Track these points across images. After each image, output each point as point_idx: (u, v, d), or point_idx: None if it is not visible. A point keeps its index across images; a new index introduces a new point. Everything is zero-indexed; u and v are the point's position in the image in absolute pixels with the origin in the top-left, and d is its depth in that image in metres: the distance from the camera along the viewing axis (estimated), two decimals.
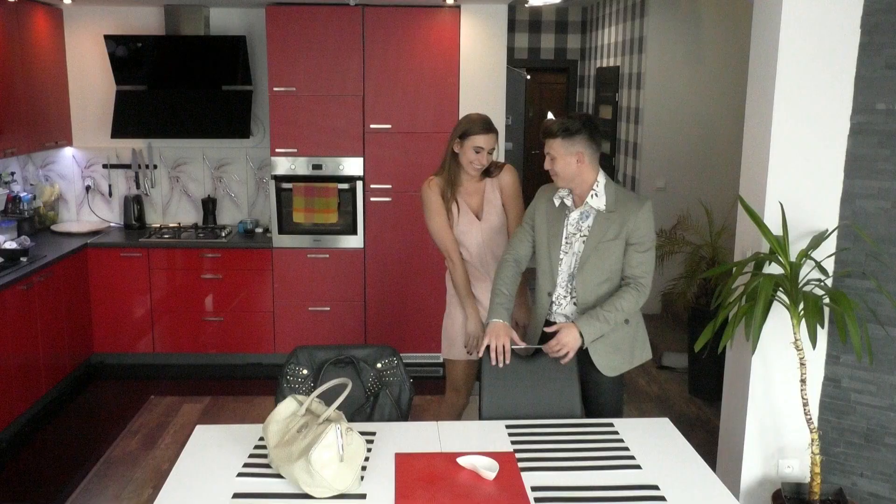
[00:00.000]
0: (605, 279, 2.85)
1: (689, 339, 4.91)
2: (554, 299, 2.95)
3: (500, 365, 2.77)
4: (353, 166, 4.88)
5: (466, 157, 3.15)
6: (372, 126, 4.87)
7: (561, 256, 2.89)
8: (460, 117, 4.97)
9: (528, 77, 8.44)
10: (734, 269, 3.20)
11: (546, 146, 2.83)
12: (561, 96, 8.86)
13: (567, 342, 2.75)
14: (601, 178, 2.86)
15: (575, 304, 2.91)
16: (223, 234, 5.16)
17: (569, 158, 2.79)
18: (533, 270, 2.98)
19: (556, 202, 2.91)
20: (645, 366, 5.34)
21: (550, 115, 8.78)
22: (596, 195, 2.84)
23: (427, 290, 5.09)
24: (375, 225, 4.99)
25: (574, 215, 2.89)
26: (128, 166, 5.43)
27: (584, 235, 2.87)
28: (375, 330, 5.02)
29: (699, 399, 4.81)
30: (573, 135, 2.77)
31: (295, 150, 4.88)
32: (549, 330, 2.83)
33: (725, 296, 3.17)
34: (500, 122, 5.00)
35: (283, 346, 5.07)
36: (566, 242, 2.90)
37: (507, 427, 2.61)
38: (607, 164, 6.99)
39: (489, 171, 3.26)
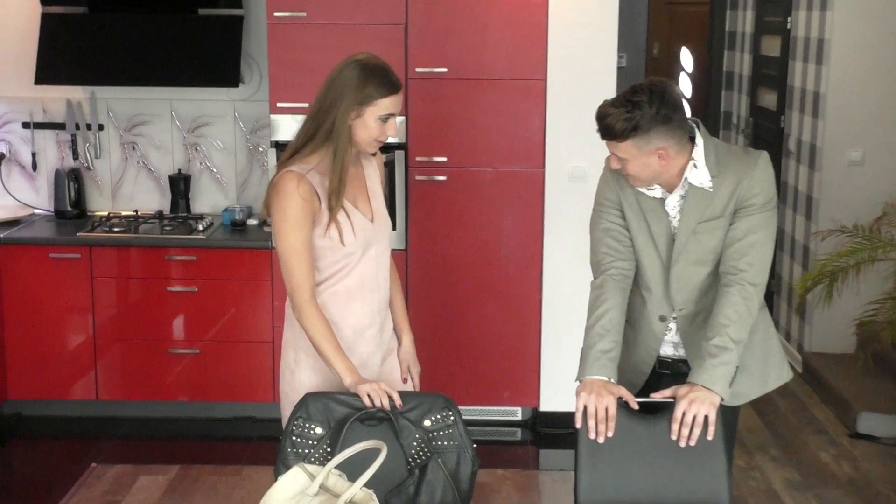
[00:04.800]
0: (708, 273, 2.99)
1: None
2: (668, 324, 3.08)
3: (601, 438, 2.80)
4: None
5: (368, 132, 3.06)
6: (419, 70, 4.93)
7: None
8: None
9: None
10: None
11: (608, 145, 2.89)
12: (702, 24, 8.79)
13: (697, 403, 2.77)
14: (699, 140, 2.93)
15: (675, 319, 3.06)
16: (200, 228, 5.25)
17: (646, 159, 2.86)
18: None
19: (646, 190, 3.01)
20: (831, 435, 5.29)
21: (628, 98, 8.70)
22: (695, 166, 2.93)
23: (498, 313, 5.12)
24: (423, 215, 5.05)
25: (672, 201, 2.99)
26: (61, 126, 5.56)
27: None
28: (422, 369, 5.06)
29: None
30: (647, 131, 2.81)
31: (305, 105, 4.94)
32: (658, 397, 2.87)
33: None
34: (609, 62, 5.00)
35: None
36: (674, 239, 3.01)
37: None
38: (774, 127, 6.92)
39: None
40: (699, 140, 2.94)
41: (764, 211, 2.94)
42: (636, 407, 2.85)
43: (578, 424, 2.83)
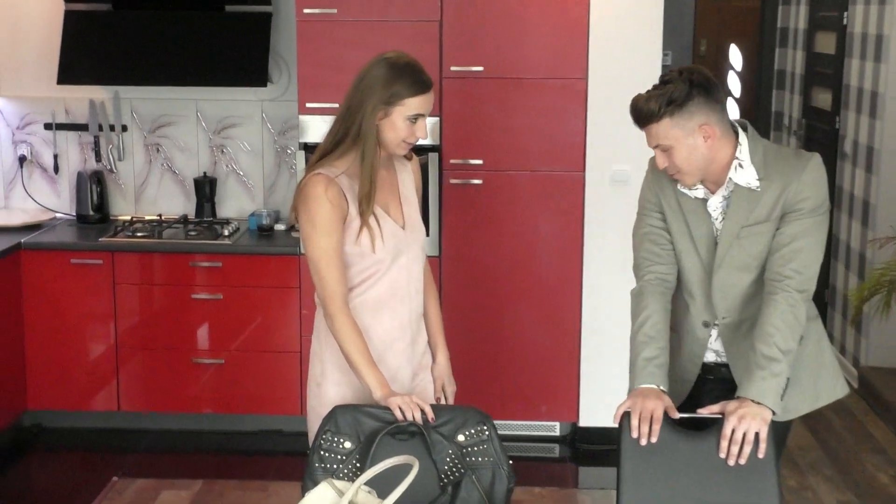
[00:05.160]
0: (753, 280, 2.99)
1: None
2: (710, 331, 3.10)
3: (644, 440, 2.80)
4: None
5: (396, 133, 3.06)
6: (454, 68, 4.94)
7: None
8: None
9: None
10: None
11: (649, 137, 2.90)
12: (752, 20, 8.76)
13: (747, 419, 2.76)
14: (742, 139, 2.95)
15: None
16: (226, 233, 5.29)
17: (692, 140, 2.86)
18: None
19: (686, 191, 3.03)
20: (889, 454, 5.24)
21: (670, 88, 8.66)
22: (741, 166, 2.94)
23: (536, 323, 5.12)
24: (457, 220, 5.07)
25: (714, 202, 3.01)
26: (83, 127, 5.63)
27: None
28: (455, 382, 5.07)
29: None
30: (685, 103, 2.82)
31: (335, 106, 4.96)
32: (706, 413, 2.86)
33: None
34: (654, 60, 4.99)
35: None
36: (717, 244, 3.03)
37: None
38: (829, 129, 6.88)
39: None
40: (743, 139, 2.95)
41: (813, 216, 2.93)
42: (676, 416, 2.84)
43: (616, 422, 2.84)
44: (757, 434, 2.75)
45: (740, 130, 2.96)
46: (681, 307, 3.13)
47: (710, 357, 3.13)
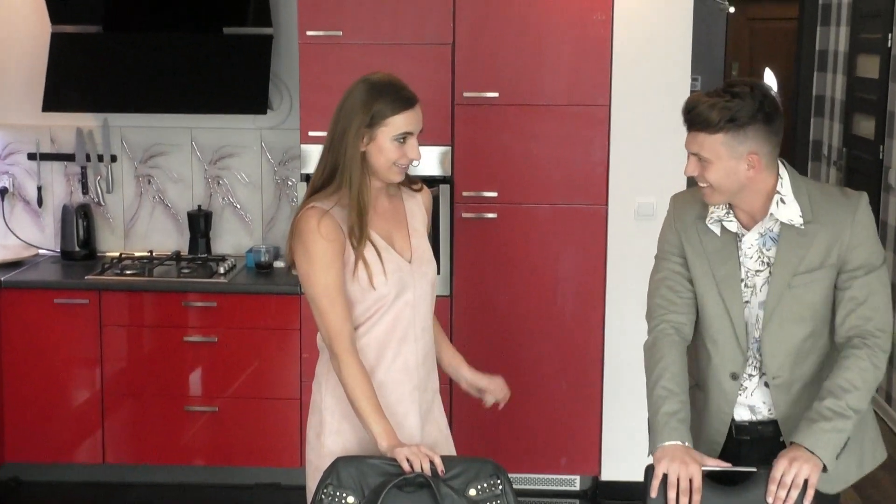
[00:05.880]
0: (807, 335, 2.95)
1: None
2: (742, 383, 3.04)
3: None
4: (433, 160, 4.98)
5: (385, 156, 3.07)
6: (467, 94, 4.96)
7: (746, 311, 2.99)
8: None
9: (732, 10, 8.38)
10: None
11: (692, 142, 2.88)
12: (788, 42, 8.77)
13: (799, 462, 2.74)
14: (783, 172, 2.93)
15: (766, 384, 3.01)
16: (222, 270, 5.29)
17: (734, 164, 2.84)
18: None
19: (714, 227, 3.00)
20: None
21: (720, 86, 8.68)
22: (783, 201, 2.92)
23: (555, 368, 5.11)
24: (470, 257, 5.07)
25: (751, 238, 2.98)
26: (70, 157, 5.65)
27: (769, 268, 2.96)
28: (466, 432, 5.05)
29: None
30: (744, 126, 2.80)
31: None
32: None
33: None
34: (682, 85, 5.00)
35: None
36: (746, 287, 2.99)
37: None
38: (872, 159, 6.88)
39: (408, 180, 3.25)
40: (784, 172, 2.94)
41: (876, 266, 2.93)
42: (727, 466, 2.83)
43: (654, 494, 2.79)
44: (806, 481, 2.74)
45: (781, 165, 2.95)
46: (703, 358, 3.10)
47: (743, 415, 3.08)
